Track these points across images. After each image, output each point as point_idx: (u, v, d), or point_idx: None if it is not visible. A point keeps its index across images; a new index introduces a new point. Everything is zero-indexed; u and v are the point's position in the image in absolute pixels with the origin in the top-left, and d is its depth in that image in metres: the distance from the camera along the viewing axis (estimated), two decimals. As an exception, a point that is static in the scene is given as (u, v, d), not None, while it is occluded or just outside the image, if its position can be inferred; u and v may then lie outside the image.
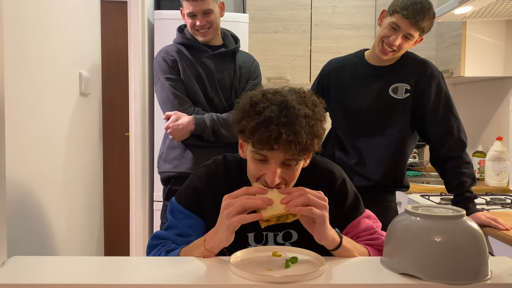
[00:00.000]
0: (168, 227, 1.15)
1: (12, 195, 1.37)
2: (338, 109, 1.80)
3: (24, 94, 1.48)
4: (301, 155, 1.00)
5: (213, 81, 1.86)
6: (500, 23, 2.45)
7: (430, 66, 1.72)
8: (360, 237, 1.15)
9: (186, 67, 1.84)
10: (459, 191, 1.66)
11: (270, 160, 1.01)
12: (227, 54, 1.91)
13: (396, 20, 1.60)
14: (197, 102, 1.85)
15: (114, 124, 3.58)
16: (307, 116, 0.98)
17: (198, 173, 1.19)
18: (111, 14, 3.49)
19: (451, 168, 1.68)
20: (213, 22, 1.84)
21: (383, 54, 1.67)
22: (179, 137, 1.78)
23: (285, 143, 0.96)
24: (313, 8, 3.08)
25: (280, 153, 0.99)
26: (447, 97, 1.71)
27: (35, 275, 0.93)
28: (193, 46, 1.87)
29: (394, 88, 1.71)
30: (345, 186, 1.18)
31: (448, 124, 1.68)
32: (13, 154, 1.38)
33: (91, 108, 2.16)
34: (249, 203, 0.94)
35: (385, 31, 1.64)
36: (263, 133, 0.96)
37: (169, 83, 1.82)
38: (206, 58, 1.87)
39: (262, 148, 0.99)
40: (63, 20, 1.79)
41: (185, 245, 1.09)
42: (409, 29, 1.59)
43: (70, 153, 1.88)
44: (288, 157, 1.00)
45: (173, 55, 1.85)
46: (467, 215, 1.61)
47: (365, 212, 1.20)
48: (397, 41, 1.61)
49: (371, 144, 1.74)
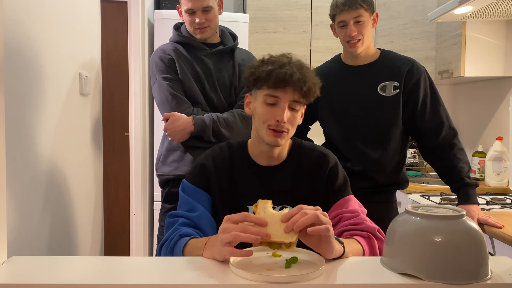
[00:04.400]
0: (180, 204, 1.25)
1: (12, 195, 1.37)
2: (329, 117, 1.82)
3: (24, 94, 1.48)
4: (305, 97, 1.18)
5: (212, 80, 1.82)
6: (500, 23, 2.45)
7: (415, 62, 1.77)
8: (343, 219, 1.21)
9: (183, 66, 1.80)
10: (458, 177, 1.69)
11: (280, 101, 1.17)
12: (225, 51, 1.87)
13: (339, 20, 1.72)
14: (196, 102, 1.81)
15: (114, 124, 3.58)
16: (308, 67, 1.21)
17: (205, 154, 1.31)
18: (111, 14, 3.49)
19: (447, 156, 1.72)
20: (212, 20, 1.81)
21: (353, 47, 1.72)
22: (178, 138, 1.74)
23: (296, 81, 1.14)
24: (313, 8, 3.09)
25: (290, 93, 1.16)
26: (434, 88, 1.76)
27: (35, 275, 0.93)
28: (191, 44, 1.83)
29: (382, 87, 1.74)
30: (337, 168, 1.29)
31: (438, 114, 1.74)
32: (13, 154, 1.38)
33: (91, 108, 2.16)
34: (242, 238, 0.93)
35: (340, 33, 1.75)
36: (279, 74, 1.15)
37: (167, 83, 1.78)
38: (204, 57, 1.83)
39: (277, 87, 1.16)
40: (63, 20, 1.79)
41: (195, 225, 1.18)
42: (352, 15, 1.68)
43: (70, 153, 1.88)
44: (296, 98, 1.17)
45: (170, 54, 1.81)
46: (468, 202, 1.67)
47: (351, 195, 1.28)
48: (352, 31, 1.69)
49: (366, 145, 1.75)
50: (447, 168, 1.72)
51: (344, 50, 1.81)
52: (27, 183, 1.50)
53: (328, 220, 0.98)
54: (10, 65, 1.36)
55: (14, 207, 1.39)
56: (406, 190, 2.28)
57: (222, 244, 0.95)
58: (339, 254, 1.01)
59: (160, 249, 1.17)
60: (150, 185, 2.88)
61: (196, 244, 1.09)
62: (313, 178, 1.26)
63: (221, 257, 0.98)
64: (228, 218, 0.99)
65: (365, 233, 1.15)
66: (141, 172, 2.77)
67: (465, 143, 2.85)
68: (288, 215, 0.97)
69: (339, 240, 1.04)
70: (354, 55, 1.75)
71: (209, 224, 1.20)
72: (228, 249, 0.95)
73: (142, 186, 2.79)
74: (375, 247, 1.14)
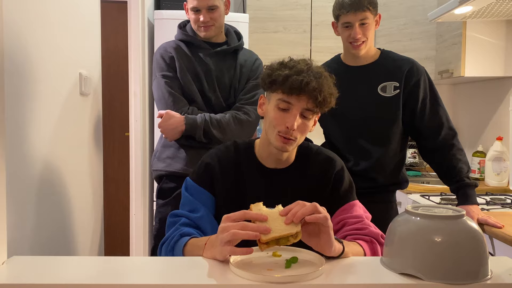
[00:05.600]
0: (183, 204, 1.24)
1: (12, 195, 1.37)
2: (329, 117, 1.80)
3: (24, 94, 1.48)
4: (320, 107, 1.16)
5: (211, 80, 1.80)
6: (500, 23, 2.45)
7: (415, 62, 1.76)
8: (347, 224, 1.20)
9: (183, 65, 1.78)
10: (458, 178, 1.69)
11: (292, 108, 1.16)
12: (228, 52, 1.85)
13: (344, 21, 1.70)
14: (194, 101, 1.80)
15: (114, 124, 3.58)
16: (326, 76, 1.18)
17: (210, 153, 1.29)
18: (111, 14, 3.49)
19: (446, 156, 1.71)
20: (217, 19, 1.79)
21: (357, 49, 1.71)
22: (171, 137, 1.74)
23: (311, 90, 1.12)
24: (313, 8, 3.08)
25: (303, 101, 1.15)
26: (433, 89, 1.76)
27: (35, 275, 0.93)
28: (193, 43, 1.83)
29: (382, 87, 1.73)
30: (343, 172, 1.28)
31: (437, 114, 1.74)
32: (13, 154, 1.38)
33: (91, 108, 2.16)
34: (241, 235, 0.93)
35: (344, 34, 1.73)
36: (296, 80, 1.12)
37: (165, 80, 1.77)
38: (206, 56, 1.81)
39: (291, 93, 1.14)
40: (63, 20, 1.79)
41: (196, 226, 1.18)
42: (358, 17, 1.67)
43: (70, 153, 1.88)
44: (309, 106, 1.15)
45: (171, 52, 1.80)
46: (468, 202, 1.67)
47: (356, 200, 1.27)
48: (357, 33, 1.68)
49: (366, 145, 1.75)
50: (446, 169, 1.72)
51: (345, 51, 1.81)
52: (27, 183, 1.50)
53: (327, 213, 0.98)
54: (10, 65, 1.36)
55: (14, 207, 1.38)
56: (406, 190, 2.28)
57: (222, 244, 0.95)
58: (338, 251, 1.01)
59: (161, 248, 1.17)
60: (150, 185, 2.88)
61: (196, 243, 1.09)
62: (319, 182, 1.25)
63: (221, 257, 0.98)
64: (227, 217, 0.98)
65: (368, 238, 1.15)
66: (141, 172, 2.76)
67: (465, 143, 2.85)
68: (287, 209, 0.97)
69: (339, 240, 1.04)
70: (355, 56, 1.75)
71: (211, 226, 1.20)
72: (228, 248, 0.94)
73: (142, 186, 2.78)
74: (377, 252, 1.13)
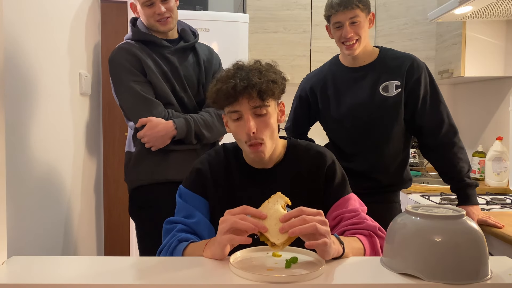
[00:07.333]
0: (178, 210, 1.24)
1: (12, 195, 1.37)
2: (331, 119, 1.80)
3: (24, 94, 1.48)
4: (265, 97, 1.13)
5: (180, 78, 1.70)
6: (500, 23, 2.45)
7: (415, 58, 1.75)
8: (344, 219, 1.19)
9: (151, 66, 1.65)
10: (458, 177, 1.69)
11: (242, 113, 1.15)
12: (187, 48, 1.76)
13: (334, 21, 1.68)
14: (168, 103, 1.67)
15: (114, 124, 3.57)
16: (257, 68, 1.16)
17: (201, 158, 1.30)
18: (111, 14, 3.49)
19: (447, 155, 1.71)
20: (173, 10, 1.69)
21: (350, 49, 1.69)
22: (159, 144, 1.61)
23: (243, 90, 1.11)
24: (313, 8, 3.08)
25: (245, 102, 1.13)
26: (434, 85, 1.75)
27: (35, 275, 0.93)
28: (153, 42, 1.69)
29: (384, 87, 1.72)
30: (334, 166, 1.27)
31: (438, 111, 1.72)
32: (13, 154, 1.38)
33: (91, 108, 2.16)
34: (240, 224, 0.95)
35: (336, 34, 1.71)
36: (225, 89, 1.12)
37: (137, 86, 1.62)
38: (169, 54, 1.70)
39: (228, 103, 1.14)
40: (63, 20, 1.79)
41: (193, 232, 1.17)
42: (348, 16, 1.64)
43: (70, 153, 1.88)
44: (254, 104, 1.13)
45: (135, 54, 1.65)
46: (468, 202, 1.67)
47: (351, 193, 1.26)
48: (348, 32, 1.66)
49: (369, 146, 1.74)
50: (447, 167, 1.72)
51: (341, 52, 1.79)
52: (27, 183, 1.50)
53: (327, 229, 0.96)
54: (10, 65, 1.36)
55: (14, 207, 1.38)
56: (406, 190, 2.28)
57: (222, 233, 0.96)
58: (337, 255, 1.01)
59: (159, 255, 1.17)
60: (150, 185, 2.87)
61: (196, 247, 1.09)
62: (311, 178, 1.24)
63: (220, 247, 0.98)
64: (228, 211, 1.00)
65: (366, 232, 1.15)
66: (141, 172, 2.76)
67: (465, 143, 2.82)
68: (287, 216, 0.96)
69: (340, 240, 1.04)
70: (352, 57, 1.73)
71: (207, 230, 1.19)
72: (227, 236, 0.96)
73: (142, 186, 2.78)
74: (377, 245, 1.14)
